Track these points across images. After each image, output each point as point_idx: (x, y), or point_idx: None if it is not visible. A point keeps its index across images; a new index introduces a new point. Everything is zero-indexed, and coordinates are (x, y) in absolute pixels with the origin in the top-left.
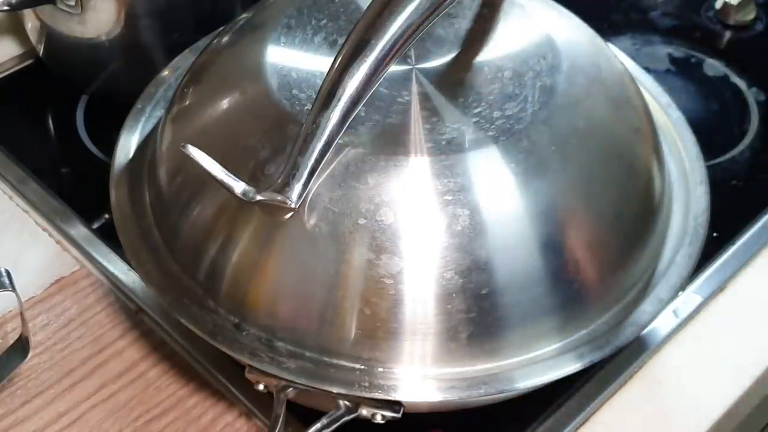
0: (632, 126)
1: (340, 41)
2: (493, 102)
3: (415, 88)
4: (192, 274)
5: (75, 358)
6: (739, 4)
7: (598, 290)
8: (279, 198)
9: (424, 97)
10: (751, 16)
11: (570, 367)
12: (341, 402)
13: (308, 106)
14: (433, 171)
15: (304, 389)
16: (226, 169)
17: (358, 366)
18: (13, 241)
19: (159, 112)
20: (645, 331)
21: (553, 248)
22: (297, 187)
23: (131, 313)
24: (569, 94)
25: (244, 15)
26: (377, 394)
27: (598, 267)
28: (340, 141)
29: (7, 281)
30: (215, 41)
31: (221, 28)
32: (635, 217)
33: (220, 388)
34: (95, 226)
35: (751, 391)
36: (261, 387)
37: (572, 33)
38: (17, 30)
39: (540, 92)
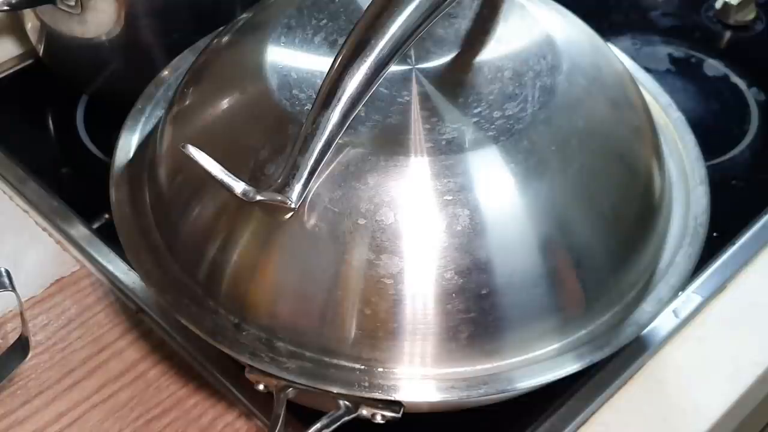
0: (632, 126)
1: (340, 41)
2: (493, 102)
3: (415, 88)
4: (192, 274)
5: (75, 358)
6: (739, 4)
7: (598, 290)
8: (279, 198)
9: (424, 97)
10: (751, 16)
11: (570, 367)
12: (341, 402)
13: (308, 106)
14: (433, 171)
15: (304, 389)
16: (226, 169)
17: (358, 366)
18: (13, 241)
19: (159, 112)
20: (645, 331)
21: (553, 248)
22: (297, 187)
23: (131, 313)
24: (569, 94)
25: (244, 15)
26: (377, 394)
27: (598, 267)
28: (340, 141)
29: (7, 281)
30: (215, 41)
31: (221, 28)
32: (635, 217)
33: (220, 388)
34: (95, 226)
35: (751, 391)
36: (261, 387)
37: (572, 33)
38: (17, 30)
39: (540, 92)
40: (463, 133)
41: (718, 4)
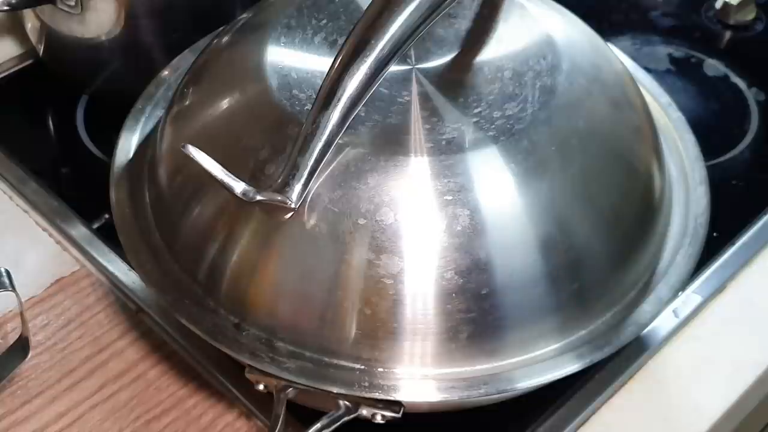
0: (632, 126)
1: (340, 41)
2: (493, 102)
3: (415, 88)
4: (192, 274)
5: (75, 358)
6: (739, 4)
7: (598, 290)
8: (279, 198)
9: (424, 97)
10: (751, 16)
11: (570, 367)
12: (341, 402)
13: (308, 106)
14: (433, 171)
15: (304, 389)
16: (226, 169)
17: (358, 366)
18: (13, 241)
19: (159, 112)
20: (645, 331)
21: (553, 248)
22: (297, 187)
23: (131, 313)
24: (569, 95)
25: (244, 15)
26: (377, 394)
27: (598, 267)
28: (340, 141)
29: (7, 281)
30: (215, 41)
31: (221, 28)
32: (635, 217)
33: (220, 388)
34: (95, 226)
35: (751, 391)
36: (261, 387)
37: (572, 33)
38: (17, 30)
39: (540, 92)
40: (463, 133)
41: (718, 4)
